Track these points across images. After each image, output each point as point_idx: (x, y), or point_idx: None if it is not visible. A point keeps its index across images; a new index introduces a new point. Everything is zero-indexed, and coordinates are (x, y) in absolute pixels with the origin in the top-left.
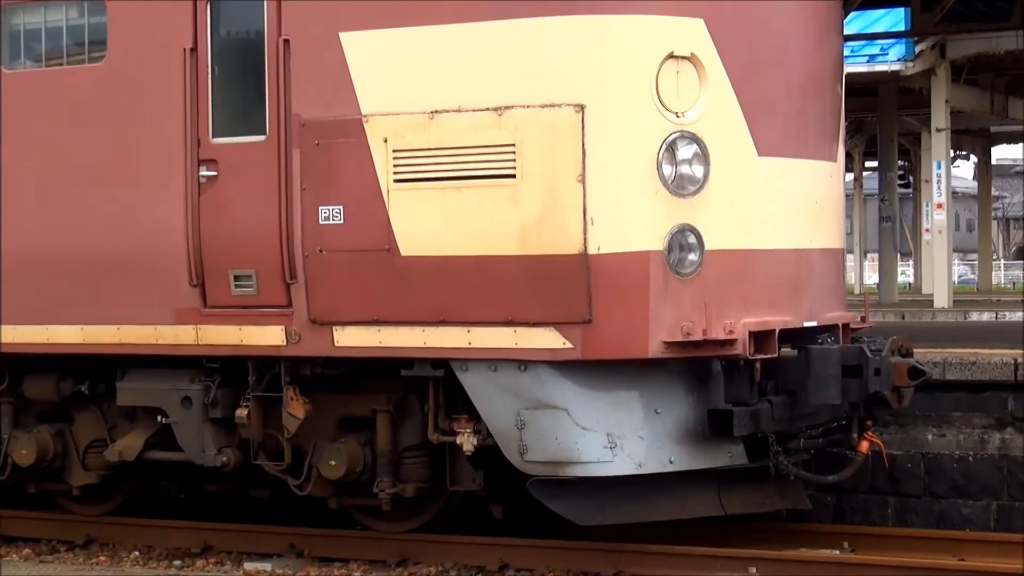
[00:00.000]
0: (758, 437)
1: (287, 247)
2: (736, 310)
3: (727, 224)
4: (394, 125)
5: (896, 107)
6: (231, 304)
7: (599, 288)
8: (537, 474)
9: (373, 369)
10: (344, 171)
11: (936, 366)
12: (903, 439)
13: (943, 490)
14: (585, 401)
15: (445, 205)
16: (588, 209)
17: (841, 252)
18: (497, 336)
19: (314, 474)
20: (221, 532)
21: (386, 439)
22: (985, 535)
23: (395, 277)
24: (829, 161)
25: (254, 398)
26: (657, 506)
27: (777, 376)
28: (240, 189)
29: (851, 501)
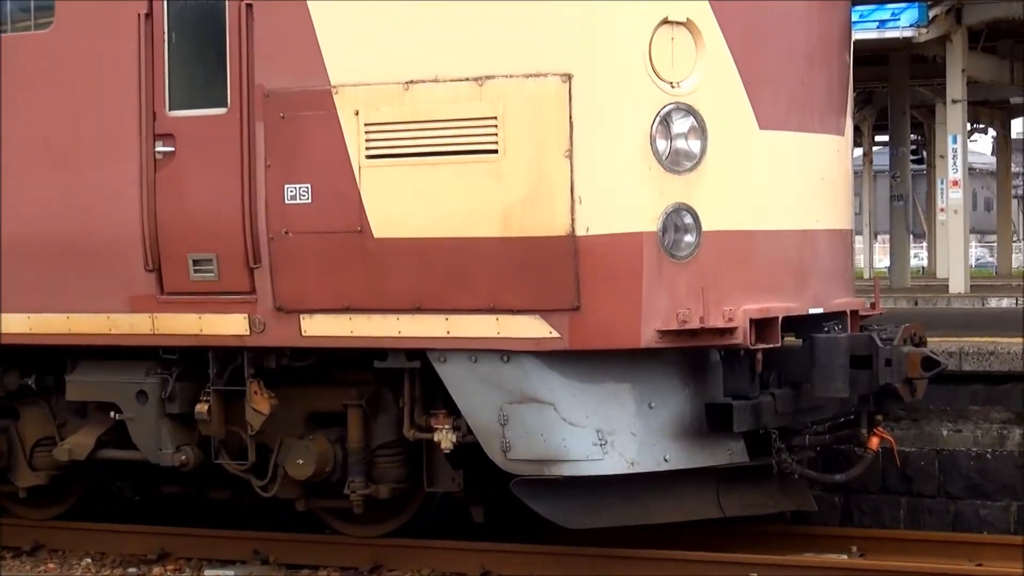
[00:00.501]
0: (760, 433)
1: (250, 229)
2: (736, 296)
3: (726, 203)
4: (366, 96)
5: (908, 77)
6: (190, 291)
7: (588, 272)
8: (521, 473)
9: (344, 360)
10: (312, 146)
11: (952, 356)
12: (916, 435)
13: (959, 490)
14: (573, 394)
15: (421, 183)
16: (576, 187)
17: (849, 233)
18: (478, 325)
19: (280, 474)
20: (179, 537)
21: (358, 436)
22: (1004, 538)
23: (367, 261)
24: (836, 135)
25: (215, 392)
26: (651, 508)
27: (780, 367)
28: (199, 166)
29: (860, 502)
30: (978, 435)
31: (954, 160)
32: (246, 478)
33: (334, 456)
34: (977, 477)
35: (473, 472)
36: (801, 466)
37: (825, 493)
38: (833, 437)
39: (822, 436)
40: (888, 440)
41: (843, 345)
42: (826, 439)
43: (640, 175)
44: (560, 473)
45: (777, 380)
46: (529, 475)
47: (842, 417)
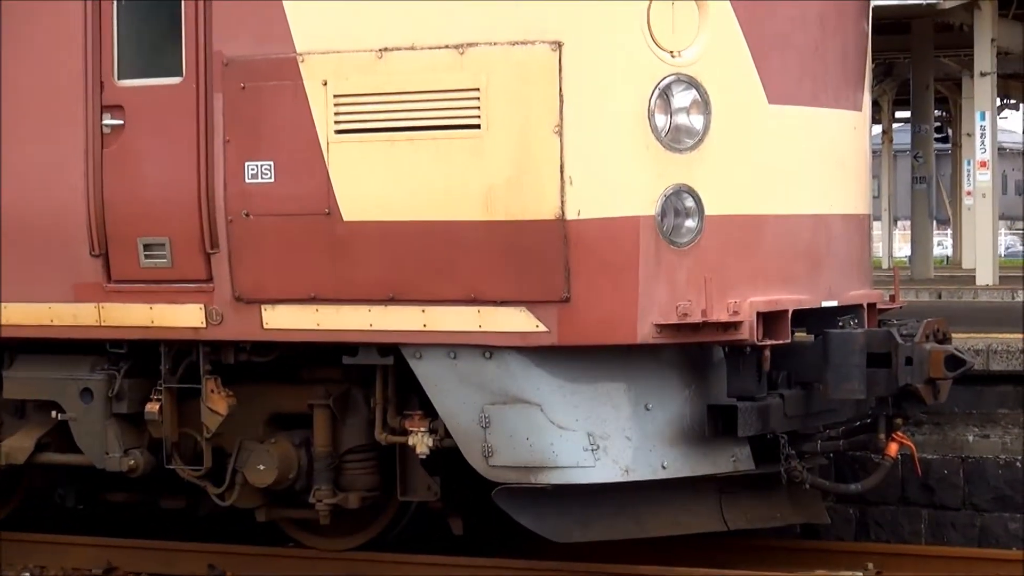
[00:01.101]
0: (767, 438)
1: (207, 210)
2: (742, 287)
3: (731, 185)
4: (335, 65)
5: (932, 47)
6: (140, 278)
7: (579, 260)
8: (504, 481)
9: (310, 356)
10: (275, 120)
11: (979, 354)
12: (939, 441)
13: (986, 501)
14: (562, 395)
15: (396, 161)
16: (566, 166)
17: (867, 219)
18: (457, 317)
19: (239, 481)
20: (128, 550)
21: (325, 439)
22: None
23: (336, 246)
24: (853, 110)
25: (167, 390)
26: (647, 520)
27: (790, 366)
28: (151, 141)
29: (877, 514)
30: (1007, 441)
31: (982, 139)
32: (201, 485)
33: (298, 461)
34: (1006, 488)
35: (452, 480)
36: (812, 475)
37: (839, 504)
38: (848, 443)
39: (836, 442)
40: (908, 446)
41: (859, 342)
42: (840, 445)
43: (637, 153)
44: (547, 481)
45: (786, 380)
46: (513, 483)
47: (858, 421)
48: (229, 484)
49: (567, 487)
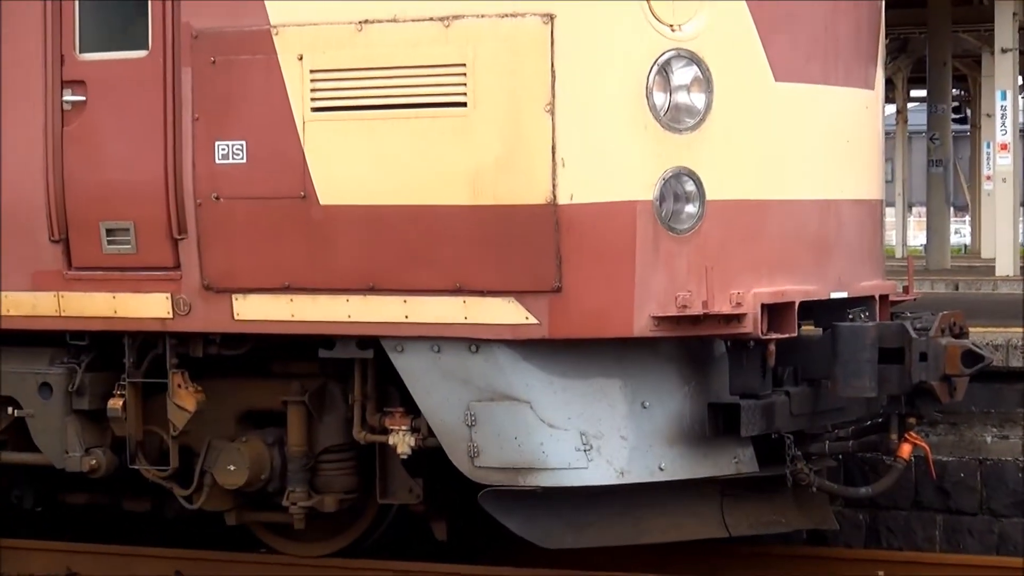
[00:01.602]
0: (772, 438)
1: (174, 193)
2: (745, 277)
3: (735, 168)
4: (311, 39)
5: (950, 21)
6: (103, 265)
7: (571, 248)
8: (491, 483)
9: (284, 349)
10: (248, 97)
11: (998, 350)
12: (955, 442)
13: (1005, 506)
14: (553, 392)
15: (376, 141)
16: (558, 147)
17: (879, 204)
18: (441, 308)
19: (208, 482)
20: (89, 555)
21: (300, 438)
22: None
23: (312, 232)
24: (865, 89)
25: (131, 385)
26: (643, 525)
27: (796, 361)
28: (115, 119)
29: (889, 520)
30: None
31: (1003, 119)
32: (167, 487)
33: (271, 461)
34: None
35: (435, 482)
36: (820, 477)
37: (848, 509)
38: (858, 444)
39: (845, 442)
40: (922, 447)
41: (870, 336)
42: (850, 446)
43: (634, 134)
44: (537, 483)
45: (792, 376)
46: (501, 485)
47: (868, 420)
48: (197, 485)
49: (558, 490)
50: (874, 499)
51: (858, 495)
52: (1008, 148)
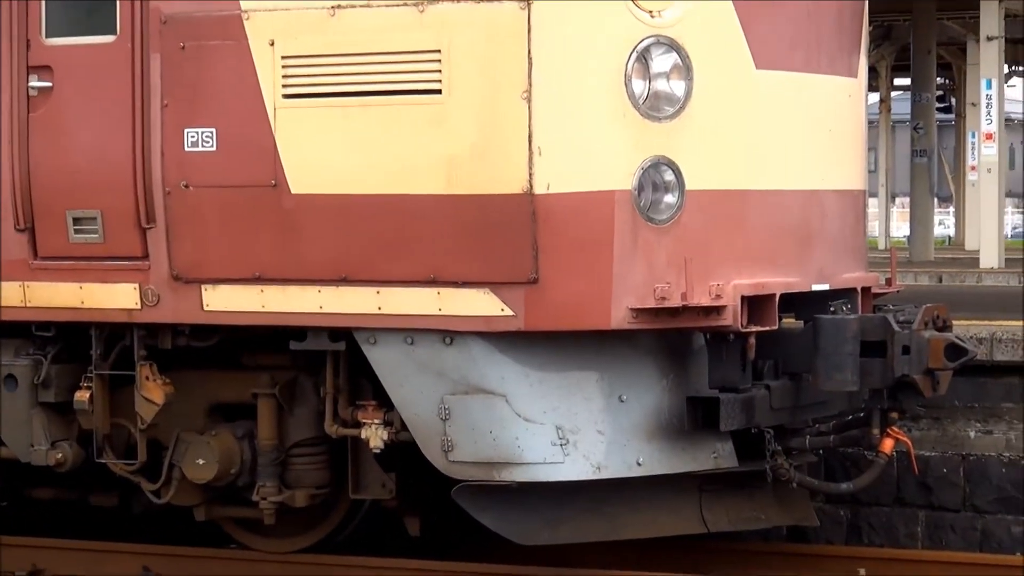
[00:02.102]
0: (752, 433)
1: (142, 181)
2: (725, 268)
3: (715, 157)
4: (283, 23)
5: (935, 8)
6: (70, 255)
7: (548, 238)
8: (465, 478)
9: (254, 341)
10: (218, 83)
11: (982, 343)
12: (938, 437)
13: (988, 503)
14: (529, 385)
15: (349, 128)
16: (535, 136)
17: (862, 195)
18: (415, 299)
19: (176, 476)
20: (54, 551)
21: (270, 432)
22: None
23: (283, 222)
24: (847, 77)
25: (98, 377)
26: (620, 521)
27: (777, 354)
28: (82, 105)
29: (871, 516)
30: (1011, 438)
31: (988, 109)
32: (135, 481)
33: (241, 455)
34: (1009, 488)
35: (408, 476)
36: (801, 473)
37: (829, 505)
38: (839, 438)
39: (826, 437)
40: (904, 442)
41: (852, 329)
42: (831, 441)
43: (612, 122)
44: (512, 478)
45: (773, 370)
46: (475, 480)
47: (850, 415)
48: (165, 480)
49: (534, 485)
50: (855, 495)
51: (839, 491)
52: (993, 138)
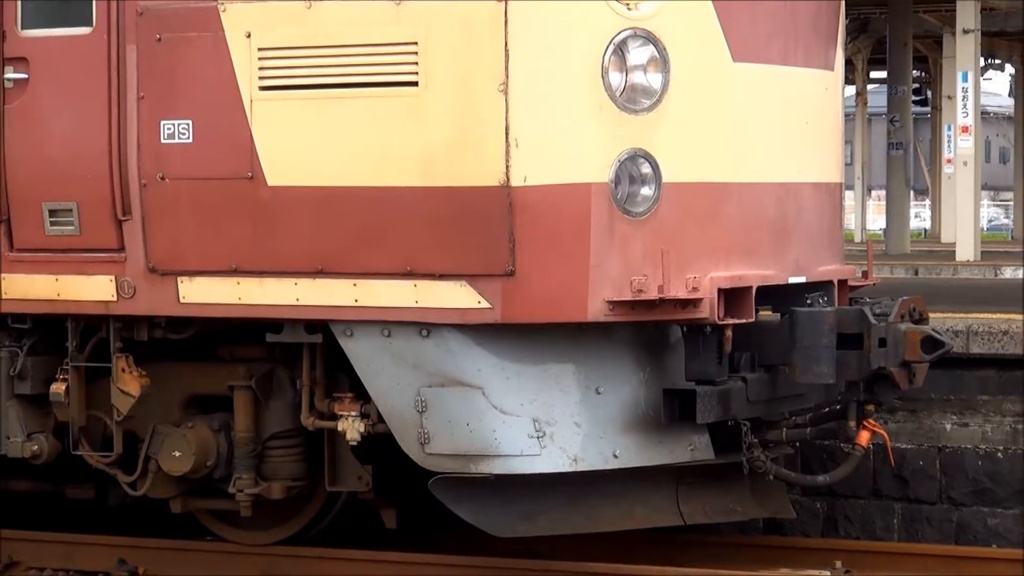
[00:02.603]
0: (728, 425)
1: (118, 173)
2: (702, 261)
3: (692, 150)
4: (260, 15)
5: (912, 1)
6: (45, 247)
7: (525, 231)
8: (442, 471)
9: (230, 333)
10: (194, 75)
11: (958, 336)
12: (914, 430)
13: (964, 495)
14: (506, 377)
15: (325, 121)
16: (512, 127)
17: (838, 188)
18: (392, 291)
19: (152, 468)
20: (30, 543)
21: (247, 424)
22: (1016, 553)
23: (260, 213)
24: (824, 69)
25: (74, 369)
26: (598, 513)
27: (754, 347)
28: (58, 97)
29: (847, 508)
30: (988, 430)
31: (964, 101)
32: (111, 473)
33: (217, 448)
34: (986, 480)
35: (385, 469)
36: (777, 465)
37: (805, 497)
38: (816, 431)
39: (802, 430)
40: (881, 435)
41: (829, 321)
42: (807, 434)
43: (589, 115)
44: (489, 471)
45: (750, 362)
46: (452, 472)
47: (827, 407)
48: (141, 472)
49: (511, 477)
50: (832, 487)
51: (815, 483)
52: (969, 131)
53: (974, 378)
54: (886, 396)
